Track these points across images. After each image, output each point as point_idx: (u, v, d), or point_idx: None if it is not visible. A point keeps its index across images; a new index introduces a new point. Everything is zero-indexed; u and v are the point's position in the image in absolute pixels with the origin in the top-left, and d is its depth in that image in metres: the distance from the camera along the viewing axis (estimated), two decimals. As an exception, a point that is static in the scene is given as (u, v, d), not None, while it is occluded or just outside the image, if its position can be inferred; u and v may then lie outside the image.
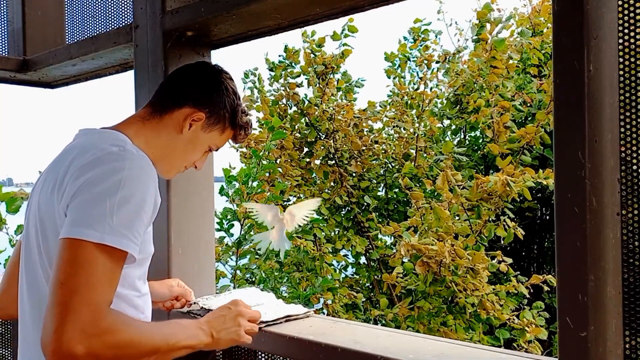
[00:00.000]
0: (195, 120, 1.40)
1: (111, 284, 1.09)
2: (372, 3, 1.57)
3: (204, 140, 1.44)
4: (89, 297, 1.04)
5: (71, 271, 1.05)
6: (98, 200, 1.10)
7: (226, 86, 1.46)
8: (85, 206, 1.11)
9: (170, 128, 1.39)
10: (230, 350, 1.82)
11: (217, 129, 1.45)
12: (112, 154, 1.18)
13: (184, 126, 1.39)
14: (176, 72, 1.50)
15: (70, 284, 1.04)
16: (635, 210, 1.06)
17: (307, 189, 5.33)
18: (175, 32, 1.84)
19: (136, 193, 1.14)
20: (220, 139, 1.49)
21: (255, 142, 5.32)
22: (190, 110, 1.39)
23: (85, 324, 1.02)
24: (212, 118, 1.42)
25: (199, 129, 1.42)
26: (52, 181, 1.22)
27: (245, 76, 5.81)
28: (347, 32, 5.05)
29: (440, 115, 5.53)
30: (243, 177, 3.82)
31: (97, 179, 1.13)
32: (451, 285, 3.69)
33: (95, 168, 1.15)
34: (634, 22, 1.06)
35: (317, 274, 4.58)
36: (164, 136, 1.39)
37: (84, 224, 1.08)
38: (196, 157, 1.47)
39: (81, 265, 1.06)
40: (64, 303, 1.02)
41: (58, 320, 1.01)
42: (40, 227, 1.24)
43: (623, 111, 1.06)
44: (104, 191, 1.11)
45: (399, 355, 1.30)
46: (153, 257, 1.29)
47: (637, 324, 1.06)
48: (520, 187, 3.75)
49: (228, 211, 3.85)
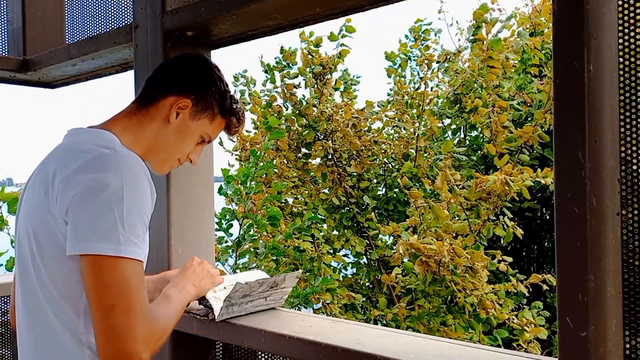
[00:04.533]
0: (181, 108, 1.36)
1: (145, 289, 1.14)
2: (372, 3, 1.57)
3: (193, 129, 1.40)
4: (140, 310, 1.10)
5: (114, 292, 1.08)
6: (105, 209, 1.10)
7: (211, 72, 1.43)
8: (95, 217, 1.10)
9: (158, 119, 1.36)
10: (230, 350, 1.82)
11: (206, 116, 1.41)
12: (105, 156, 1.17)
13: (171, 115, 1.35)
14: (160, 64, 1.48)
15: (122, 305, 1.08)
16: (635, 210, 1.06)
17: (305, 189, 5.33)
18: (175, 32, 1.84)
19: (137, 197, 1.14)
20: (211, 128, 1.44)
21: (251, 144, 5.33)
22: (175, 98, 1.35)
23: (145, 336, 1.10)
24: (199, 105, 1.38)
25: (187, 117, 1.37)
26: (42, 185, 1.20)
27: (235, 79, 5.82)
28: (345, 33, 5.05)
29: (440, 115, 5.53)
30: (241, 177, 3.82)
31: (98, 186, 1.11)
32: (450, 284, 3.69)
33: (91, 173, 1.13)
34: (634, 22, 1.06)
35: (316, 274, 4.58)
36: (152, 129, 1.36)
37: (96, 238, 1.09)
38: (188, 148, 1.42)
39: (120, 283, 1.09)
40: (123, 324, 1.08)
41: (122, 341, 1.07)
42: (32, 233, 1.21)
43: (623, 111, 1.06)
44: (109, 200, 1.10)
45: (399, 355, 1.30)
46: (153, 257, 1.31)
47: (637, 324, 1.06)
48: (519, 186, 3.75)
49: (227, 211, 3.85)
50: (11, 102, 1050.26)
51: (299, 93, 5.36)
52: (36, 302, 1.21)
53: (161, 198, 1.84)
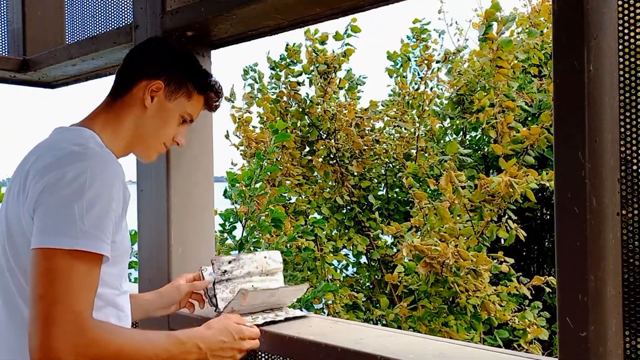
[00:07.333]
0: (154, 91, 1.36)
1: (91, 289, 1.08)
2: (373, 3, 1.57)
3: (171, 110, 1.39)
4: (70, 306, 1.03)
5: (48, 282, 1.04)
6: (65, 204, 1.08)
7: (177, 52, 1.42)
8: (53, 212, 1.09)
9: (134, 107, 1.36)
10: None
11: (182, 95, 1.40)
12: (73, 154, 1.17)
13: (146, 99, 1.35)
14: (127, 54, 1.46)
15: (50, 296, 1.03)
16: (635, 210, 1.06)
17: (309, 187, 5.33)
18: (175, 32, 1.84)
19: (102, 192, 1.12)
20: (190, 106, 1.42)
21: (256, 142, 5.31)
22: (146, 82, 1.35)
23: (71, 334, 1.01)
24: (171, 85, 1.38)
25: (162, 99, 1.37)
26: (17, 184, 1.21)
27: (245, 72, 5.81)
28: (350, 32, 5.05)
29: (442, 115, 5.53)
30: (246, 179, 3.82)
31: (61, 182, 1.11)
32: (453, 285, 3.68)
33: (56, 170, 1.13)
34: (634, 22, 1.05)
35: (318, 273, 4.58)
36: (131, 118, 1.36)
37: (54, 231, 1.07)
38: (171, 130, 1.41)
39: (58, 274, 1.04)
40: (46, 316, 1.02)
41: (43, 333, 1.00)
42: (7, 233, 1.22)
43: (623, 111, 1.06)
44: (70, 194, 1.09)
45: (399, 355, 1.30)
46: (154, 257, 1.28)
47: (637, 324, 1.06)
48: (524, 188, 3.74)
49: (230, 213, 3.85)
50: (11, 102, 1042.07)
51: (303, 91, 5.37)
52: (15, 303, 1.20)
53: (161, 198, 1.84)
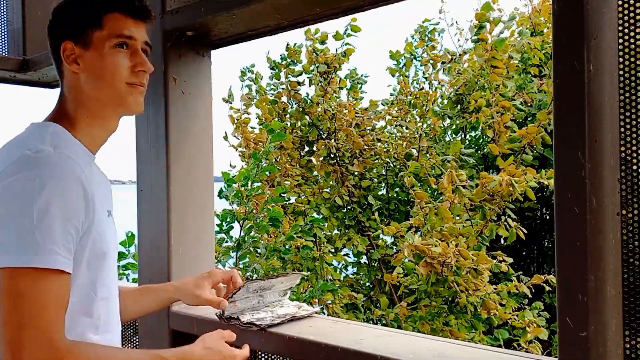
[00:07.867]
0: (70, 55, 1.24)
1: (59, 306, 1.02)
2: (372, 3, 1.57)
3: (98, 53, 1.23)
4: (38, 328, 0.97)
5: (12, 305, 0.97)
6: (16, 216, 1.01)
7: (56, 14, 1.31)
8: (3, 226, 1.01)
9: (71, 80, 1.25)
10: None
11: (94, 34, 1.23)
12: (24, 159, 1.07)
13: (72, 67, 1.23)
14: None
15: (15, 319, 0.97)
16: (635, 210, 1.06)
17: (308, 187, 5.33)
18: (175, 32, 1.84)
19: (55, 197, 1.03)
20: (111, 27, 1.24)
21: (254, 143, 5.31)
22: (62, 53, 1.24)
23: (43, 356, 0.97)
24: (77, 38, 1.24)
25: (82, 54, 1.23)
26: None
27: (242, 74, 5.81)
28: (350, 32, 5.06)
29: (441, 115, 5.54)
30: (242, 179, 3.82)
31: (10, 192, 1.03)
32: (453, 285, 3.69)
33: (6, 179, 1.05)
34: (634, 22, 1.05)
35: (318, 274, 4.58)
36: (77, 91, 1.24)
37: (6, 248, 0.99)
38: (120, 65, 1.24)
39: (19, 295, 0.97)
40: (14, 342, 0.96)
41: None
42: None
43: (623, 111, 1.06)
44: (20, 206, 1.01)
45: (399, 355, 1.30)
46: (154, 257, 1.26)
47: (637, 324, 1.06)
48: (524, 187, 3.75)
49: (228, 213, 3.85)
50: (11, 102, 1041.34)
51: (303, 91, 5.37)
52: None
53: (161, 198, 1.84)
